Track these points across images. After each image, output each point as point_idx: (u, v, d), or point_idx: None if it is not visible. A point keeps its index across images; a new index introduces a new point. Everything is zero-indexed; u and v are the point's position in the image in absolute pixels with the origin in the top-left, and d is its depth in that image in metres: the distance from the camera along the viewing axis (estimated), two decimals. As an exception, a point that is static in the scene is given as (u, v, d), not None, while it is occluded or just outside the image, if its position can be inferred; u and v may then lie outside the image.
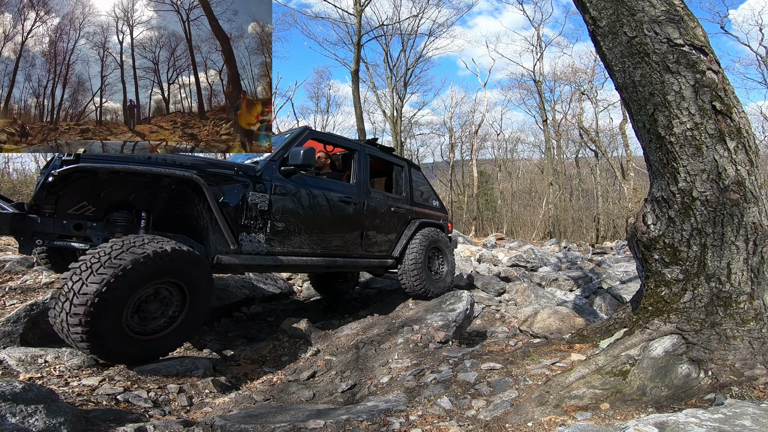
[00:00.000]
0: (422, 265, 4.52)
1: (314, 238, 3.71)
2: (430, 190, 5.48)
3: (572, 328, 3.47)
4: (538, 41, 22.90)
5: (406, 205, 4.84)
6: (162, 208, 3.05)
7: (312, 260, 3.70)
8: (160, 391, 2.47)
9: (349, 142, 4.42)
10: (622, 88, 2.40)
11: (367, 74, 23.28)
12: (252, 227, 3.26)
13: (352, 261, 4.11)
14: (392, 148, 5.07)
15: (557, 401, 2.03)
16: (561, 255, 9.06)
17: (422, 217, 5.00)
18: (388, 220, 4.50)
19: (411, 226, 4.76)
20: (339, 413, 2.13)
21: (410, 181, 5.03)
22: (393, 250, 4.58)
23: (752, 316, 2.10)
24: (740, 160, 2.12)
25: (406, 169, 5.04)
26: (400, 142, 23.28)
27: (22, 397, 1.65)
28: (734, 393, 1.91)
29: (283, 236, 3.47)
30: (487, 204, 28.28)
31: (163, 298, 2.71)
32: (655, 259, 2.37)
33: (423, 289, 4.45)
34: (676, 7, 2.22)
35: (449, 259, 5.09)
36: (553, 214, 22.67)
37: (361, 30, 17.43)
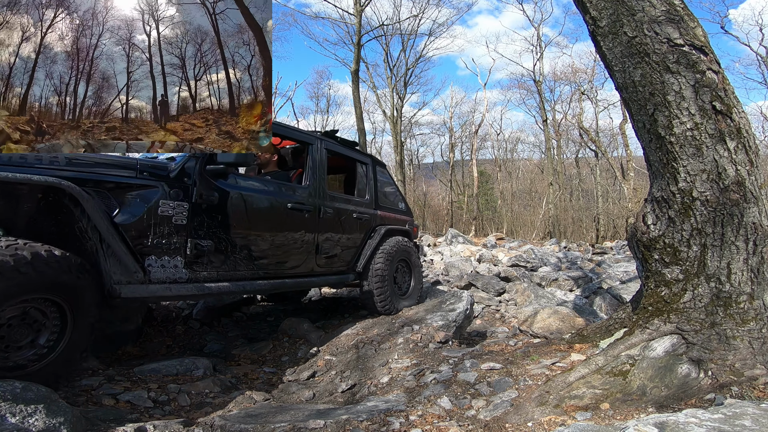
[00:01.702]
0: (388, 282, 3.99)
1: (255, 257, 3.00)
2: (395, 192, 4.91)
3: (572, 328, 3.47)
4: (538, 41, 22.91)
5: (371, 209, 4.20)
6: (27, 225, 2.24)
7: (253, 285, 3.02)
8: (160, 390, 2.48)
9: (301, 134, 3.67)
10: (622, 88, 2.40)
11: (367, 74, 23.30)
12: (165, 248, 2.48)
13: (304, 281, 3.52)
14: (355, 142, 4.30)
15: (557, 401, 2.03)
16: (561, 255, 9.06)
17: (388, 223, 4.38)
18: (350, 228, 3.87)
19: (375, 234, 4.13)
20: (339, 413, 2.13)
21: (375, 181, 4.37)
22: (355, 264, 3.96)
23: (752, 316, 2.10)
24: (740, 160, 2.12)
25: (370, 166, 4.35)
26: (400, 142, 23.30)
27: (22, 397, 1.65)
28: (734, 393, 1.91)
29: (211, 258, 2.70)
30: (487, 204, 28.29)
31: (34, 322, 2.01)
32: (655, 259, 2.37)
33: (387, 308, 3.97)
34: (676, 7, 2.22)
35: (417, 273, 4.59)
36: (553, 214, 22.67)
37: (361, 30, 17.44)
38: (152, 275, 2.44)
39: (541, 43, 22.79)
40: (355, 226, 3.94)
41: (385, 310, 3.96)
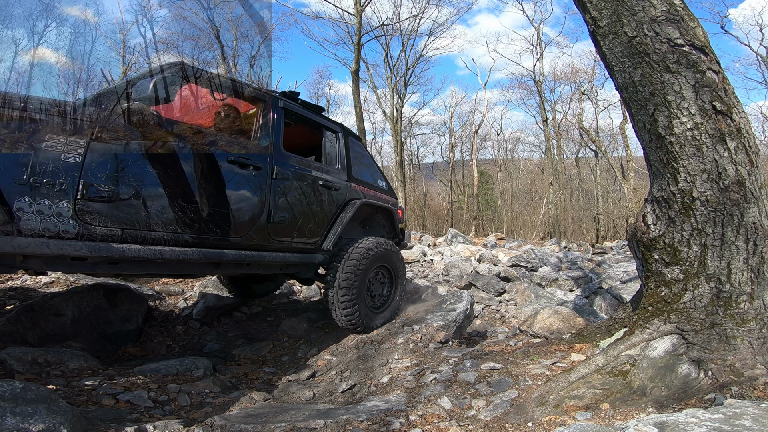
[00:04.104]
0: (358, 293, 3.37)
1: (178, 215, 2.41)
2: (375, 168, 4.32)
3: (572, 328, 3.47)
4: (538, 41, 22.89)
5: (341, 180, 3.67)
6: None
7: (174, 252, 2.38)
8: (160, 390, 2.48)
9: (253, 91, 3.18)
10: (622, 88, 2.40)
11: (367, 74, 23.26)
12: (44, 188, 1.97)
13: (252, 255, 2.85)
14: (322, 108, 3.81)
15: (557, 401, 2.03)
16: (561, 255, 9.06)
17: (365, 197, 3.85)
18: (314, 197, 3.33)
19: (349, 208, 3.61)
20: (339, 413, 2.13)
21: (348, 151, 3.86)
22: (323, 241, 3.39)
23: (752, 316, 2.10)
24: (740, 160, 2.12)
25: (341, 135, 3.86)
26: (400, 142, 23.27)
27: (22, 397, 1.66)
28: (734, 393, 1.91)
29: (113, 209, 2.15)
30: (487, 204, 28.28)
31: None
32: (655, 259, 2.37)
33: (354, 324, 3.39)
34: (676, 7, 2.22)
35: (400, 282, 3.88)
36: (553, 214, 22.67)
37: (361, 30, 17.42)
38: (23, 224, 1.91)
39: (541, 43, 22.78)
40: (321, 195, 3.40)
41: (351, 326, 3.41)
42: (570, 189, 26.14)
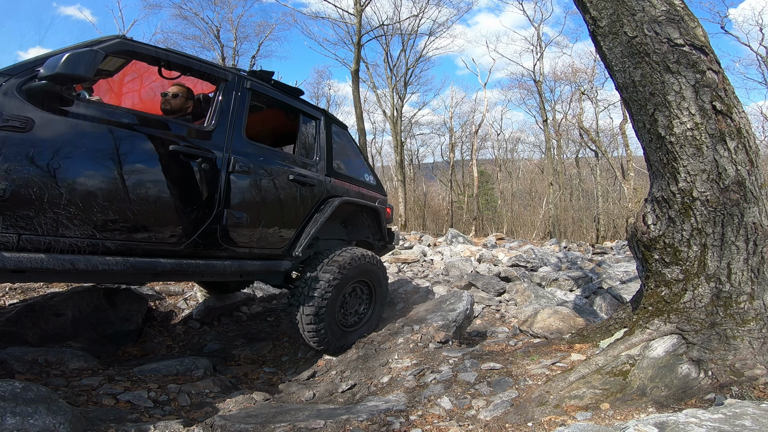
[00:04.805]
0: (328, 311, 2.99)
1: (97, 217, 2.02)
2: (362, 162, 3.87)
3: (572, 328, 3.47)
4: (538, 41, 22.89)
5: (319, 174, 3.21)
6: None
7: (90, 261, 1.99)
8: (160, 390, 2.48)
9: (211, 68, 2.68)
10: (622, 88, 2.40)
11: (367, 74, 23.27)
12: None
13: (198, 265, 2.40)
14: (300, 90, 3.31)
15: (557, 401, 2.03)
16: (561, 255, 9.06)
17: (347, 195, 3.42)
18: (283, 194, 2.88)
19: (327, 207, 3.17)
20: (339, 413, 2.13)
21: (329, 141, 3.39)
22: (293, 246, 2.96)
23: (752, 316, 2.10)
24: (740, 160, 2.12)
25: (321, 122, 3.35)
26: (400, 142, 23.28)
27: (22, 397, 1.66)
28: (734, 393, 1.91)
29: (9, 209, 1.80)
30: (487, 204, 28.28)
31: None
32: (655, 259, 2.37)
33: (318, 343, 3.04)
34: (676, 7, 2.22)
35: (379, 296, 3.47)
36: (553, 214, 22.67)
37: (361, 30, 17.42)
38: None
39: (541, 43, 22.79)
40: (292, 192, 2.93)
41: (315, 344, 3.04)
42: (570, 189, 26.14)
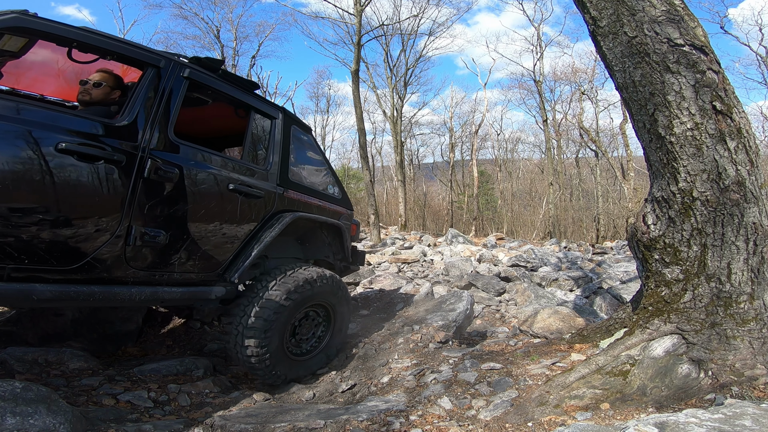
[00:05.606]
0: (273, 339, 2.56)
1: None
2: (326, 170, 3.38)
3: (572, 328, 3.47)
4: (538, 41, 22.88)
5: (269, 183, 2.73)
6: None
7: None
8: (160, 390, 2.48)
9: (138, 51, 2.20)
10: (622, 88, 2.40)
11: (367, 74, 23.25)
12: None
13: (87, 292, 1.91)
14: (255, 84, 2.82)
15: (557, 401, 2.03)
16: (561, 255, 9.05)
17: (304, 210, 2.94)
18: (218, 207, 2.43)
19: (276, 224, 2.72)
20: (339, 413, 2.13)
21: (286, 145, 2.90)
22: (228, 270, 2.53)
23: (752, 316, 2.10)
24: (740, 160, 2.12)
25: (279, 122, 2.89)
26: (400, 142, 23.27)
27: (22, 397, 1.66)
28: (734, 393, 1.91)
29: None
30: (487, 204, 28.27)
31: None
32: (656, 259, 2.37)
33: (260, 372, 2.60)
34: (676, 7, 2.22)
35: (339, 321, 3.04)
36: (553, 214, 22.66)
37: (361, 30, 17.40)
38: None
39: (541, 43, 22.78)
40: (230, 204, 2.47)
41: (256, 374, 2.64)
42: (570, 189, 26.14)
